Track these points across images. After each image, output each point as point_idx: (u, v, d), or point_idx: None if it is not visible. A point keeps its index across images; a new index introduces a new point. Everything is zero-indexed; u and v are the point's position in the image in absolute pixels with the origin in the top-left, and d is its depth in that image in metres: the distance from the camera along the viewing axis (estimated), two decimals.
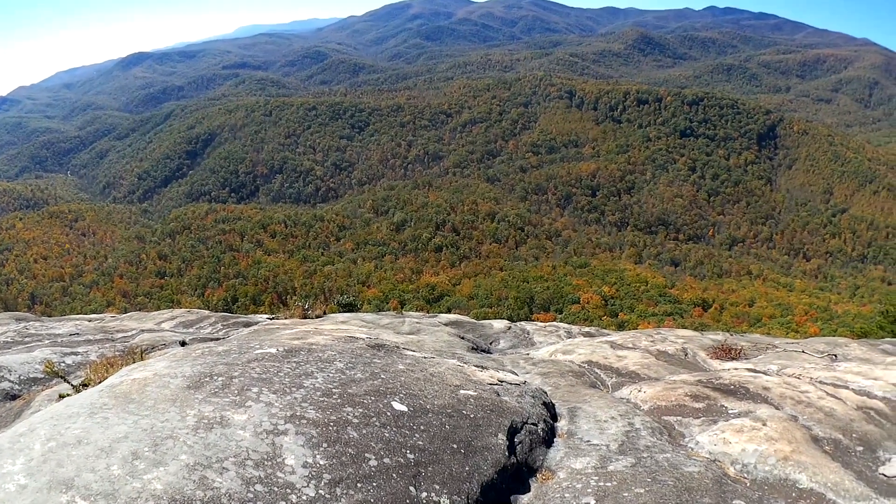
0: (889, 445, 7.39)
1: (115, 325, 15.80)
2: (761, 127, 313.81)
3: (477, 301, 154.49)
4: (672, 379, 9.97)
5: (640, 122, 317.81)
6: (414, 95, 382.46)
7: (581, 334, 17.65)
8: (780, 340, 17.00)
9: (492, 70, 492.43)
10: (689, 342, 14.19)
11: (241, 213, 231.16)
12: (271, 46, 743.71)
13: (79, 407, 5.76)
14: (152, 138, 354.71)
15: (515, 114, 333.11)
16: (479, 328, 17.78)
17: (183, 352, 8.20)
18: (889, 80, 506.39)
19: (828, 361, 12.10)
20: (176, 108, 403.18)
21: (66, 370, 9.98)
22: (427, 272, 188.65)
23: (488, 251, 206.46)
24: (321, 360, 7.81)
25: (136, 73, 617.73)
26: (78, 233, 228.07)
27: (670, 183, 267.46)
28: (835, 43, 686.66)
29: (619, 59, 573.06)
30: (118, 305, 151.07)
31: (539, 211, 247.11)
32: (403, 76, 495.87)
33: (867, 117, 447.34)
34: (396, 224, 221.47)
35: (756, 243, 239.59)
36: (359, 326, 13.30)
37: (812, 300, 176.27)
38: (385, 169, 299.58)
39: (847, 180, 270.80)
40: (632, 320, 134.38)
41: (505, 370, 9.77)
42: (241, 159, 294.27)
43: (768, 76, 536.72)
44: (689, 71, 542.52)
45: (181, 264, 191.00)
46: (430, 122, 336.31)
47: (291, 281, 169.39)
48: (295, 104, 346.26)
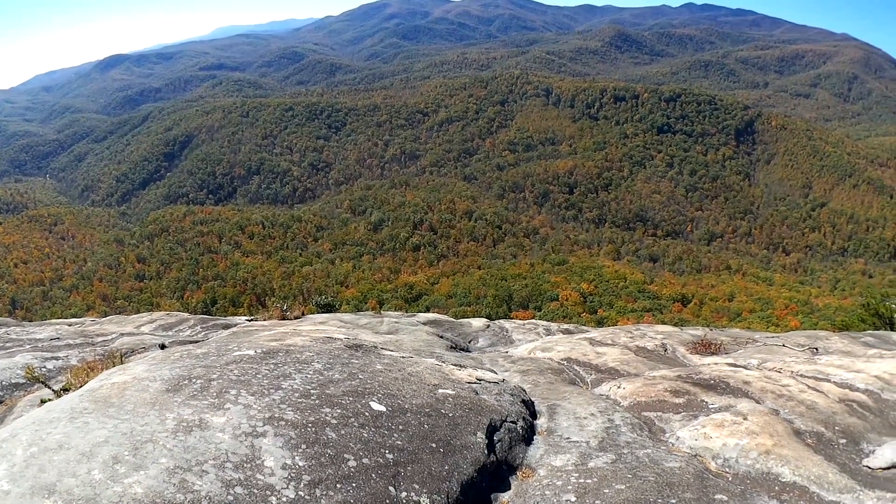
0: (872, 437, 7.40)
1: (96, 329, 15.76)
2: (739, 122, 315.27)
3: (455, 300, 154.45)
4: (652, 375, 9.97)
5: (618, 119, 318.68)
6: (391, 95, 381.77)
7: (560, 331, 17.63)
8: (760, 334, 17.01)
9: (468, 69, 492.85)
10: (668, 338, 14.19)
11: (219, 214, 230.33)
12: (248, 47, 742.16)
13: (59, 412, 5.74)
14: (130, 140, 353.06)
15: (492, 112, 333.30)
16: (458, 327, 17.74)
17: (162, 355, 8.18)
18: (868, 75, 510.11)
19: (809, 355, 12.14)
20: (153, 110, 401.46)
21: (47, 375, 9.95)
22: (405, 271, 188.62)
23: (466, 250, 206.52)
24: (299, 361, 7.79)
25: (114, 75, 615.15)
26: (57, 236, 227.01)
27: (648, 179, 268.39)
28: (813, 38, 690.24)
29: (595, 57, 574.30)
30: (98, 309, 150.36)
31: (516, 209, 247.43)
32: (380, 76, 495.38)
33: (846, 111, 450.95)
34: (374, 224, 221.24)
35: (735, 238, 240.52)
36: (337, 327, 13.29)
37: (792, 294, 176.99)
38: (362, 169, 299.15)
39: (826, 174, 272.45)
40: (611, 317, 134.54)
41: (484, 368, 9.75)
42: (218, 161, 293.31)
43: (746, 72, 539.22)
44: (666, 68, 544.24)
45: (160, 267, 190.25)
46: (407, 121, 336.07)
47: (270, 282, 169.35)
48: (272, 105, 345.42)
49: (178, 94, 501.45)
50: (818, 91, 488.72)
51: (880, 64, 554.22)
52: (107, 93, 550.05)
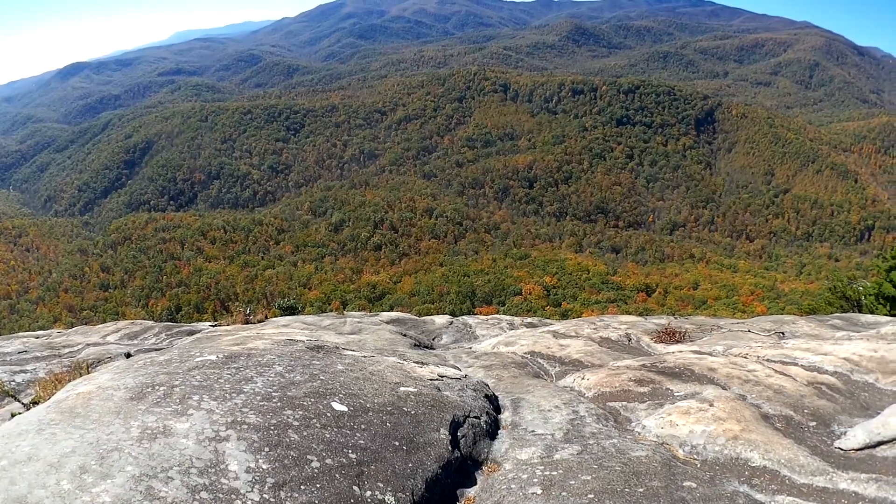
0: (843, 419, 7.45)
1: (62, 341, 15.65)
2: (699, 112, 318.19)
3: (419, 297, 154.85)
4: (616, 365, 9.99)
5: (576, 113, 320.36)
6: (348, 95, 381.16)
7: (524, 325, 17.65)
8: (725, 321, 17.09)
9: (426, 66, 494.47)
10: (632, 328, 14.24)
11: (181, 220, 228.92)
12: (206, 51, 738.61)
13: (27, 424, 5.70)
14: (91, 149, 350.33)
15: (450, 109, 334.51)
16: (422, 324, 17.74)
17: (126, 364, 8.12)
18: (830, 61, 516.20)
19: (775, 339, 12.21)
20: (113, 118, 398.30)
21: (16, 389, 9.95)
22: (367, 271, 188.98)
23: (427, 247, 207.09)
24: (260, 364, 7.75)
25: (74, 83, 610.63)
26: (22, 248, 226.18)
27: (608, 171, 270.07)
28: (774, 27, 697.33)
29: (553, 51, 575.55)
30: (64, 321, 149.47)
31: (477, 205, 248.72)
32: (337, 76, 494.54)
33: (808, 98, 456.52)
34: (335, 225, 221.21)
35: (697, 227, 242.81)
36: (300, 329, 13.24)
37: (757, 280, 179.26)
38: (321, 170, 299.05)
39: (789, 161, 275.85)
40: (575, 309, 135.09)
41: (447, 365, 9.74)
42: (178, 166, 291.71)
43: (705, 62, 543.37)
44: (624, 60, 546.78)
45: (124, 275, 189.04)
46: (365, 120, 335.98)
47: (233, 287, 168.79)
48: (230, 109, 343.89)
49: (137, 101, 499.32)
50: (779, 79, 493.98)
51: (842, 51, 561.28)
52: (67, 101, 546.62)
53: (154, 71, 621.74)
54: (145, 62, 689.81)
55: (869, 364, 9.00)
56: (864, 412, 7.63)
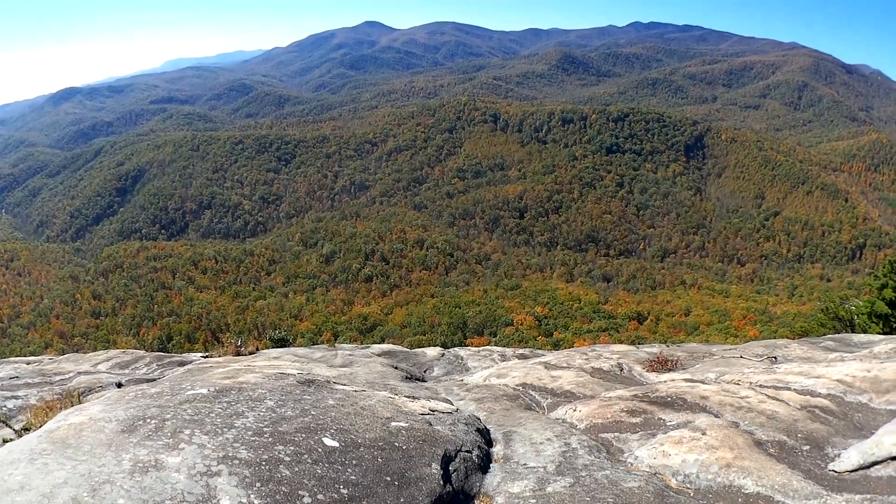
0: (837, 441, 7.46)
1: (53, 368, 15.65)
2: (688, 138, 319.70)
3: (410, 329, 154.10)
4: (608, 395, 9.98)
5: (566, 142, 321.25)
6: (339, 126, 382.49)
7: (515, 356, 17.62)
8: (717, 347, 17.13)
9: (416, 97, 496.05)
10: (624, 357, 14.23)
11: (172, 249, 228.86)
12: (198, 80, 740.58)
13: (19, 453, 5.69)
14: (83, 175, 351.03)
15: (440, 140, 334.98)
16: (413, 357, 17.70)
17: (117, 395, 8.10)
18: (818, 81, 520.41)
19: (768, 364, 12.23)
20: (105, 145, 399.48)
21: (7, 414, 9.96)
22: (358, 303, 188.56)
23: (418, 278, 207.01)
24: (252, 398, 7.74)
25: (67, 108, 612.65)
26: (14, 273, 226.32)
27: (598, 200, 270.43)
28: (762, 49, 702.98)
29: (542, 80, 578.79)
30: (56, 347, 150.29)
31: (467, 236, 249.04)
32: (328, 106, 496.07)
33: (797, 120, 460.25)
34: (326, 256, 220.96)
35: (688, 253, 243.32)
36: (291, 361, 13.21)
37: (749, 304, 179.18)
38: (312, 201, 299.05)
39: (779, 183, 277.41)
40: (567, 338, 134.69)
41: (438, 398, 9.72)
42: (170, 195, 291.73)
43: (694, 87, 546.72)
44: (613, 88, 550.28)
45: (115, 303, 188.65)
46: (356, 151, 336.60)
47: (224, 317, 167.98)
48: (222, 138, 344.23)
49: (129, 128, 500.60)
50: (768, 101, 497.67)
51: (830, 70, 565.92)
52: (60, 126, 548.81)
53: (146, 98, 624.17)
54: (137, 89, 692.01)
55: (862, 384, 9.03)
56: (858, 433, 7.65)
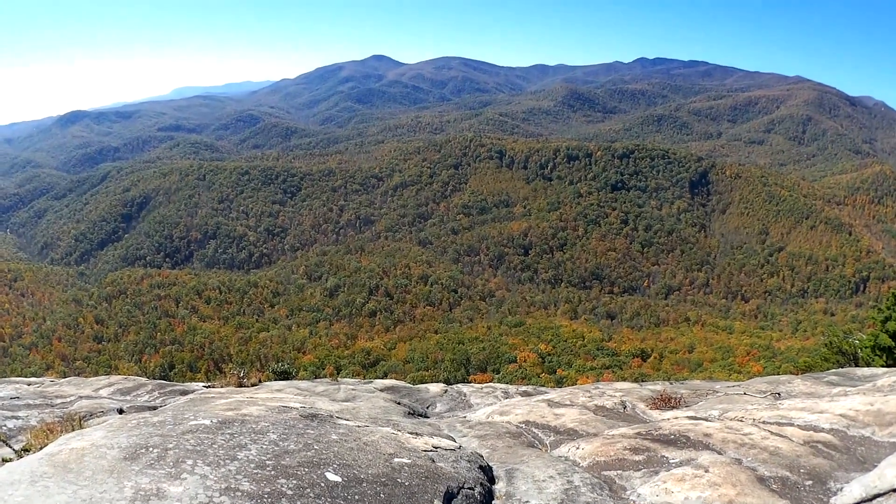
0: (840, 475, 7.43)
1: (54, 391, 15.70)
2: (693, 174, 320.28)
3: (413, 364, 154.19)
4: (611, 433, 9.95)
5: (571, 179, 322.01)
6: (345, 160, 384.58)
7: (518, 394, 17.59)
8: (721, 384, 17.10)
9: (422, 132, 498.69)
10: (627, 395, 14.18)
11: (176, 278, 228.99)
12: (206, 109, 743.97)
13: (20, 474, 5.68)
14: (89, 200, 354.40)
15: (446, 175, 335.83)
16: (416, 392, 17.67)
17: (119, 421, 8.09)
18: (822, 115, 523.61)
19: (771, 400, 12.20)
20: (112, 170, 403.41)
21: (7, 434, 9.98)
22: (362, 337, 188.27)
23: (422, 314, 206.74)
24: (255, 431, 7.72)
25: (74, 131, 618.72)
26: (17, 293, 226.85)
27: (603, 237, 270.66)
28: (766, 84, 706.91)
29: (548, 117, 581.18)
30: (57, 369, 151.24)
31: (472, 272, 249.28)
32: (335, 140, 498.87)
33: (801, 154, 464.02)
34: (330, 289, 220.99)
35: (693, 290, 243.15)
36: (294, 395, 13.19)
37: (753, 340, 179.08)
38: (317, 234, 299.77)
39: (783, 218, 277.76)
40: (570, 376, 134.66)
41: (441, 435, 9.70)
42: (175, 224, 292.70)
43: (699, 123, 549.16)
44: (619, 124, 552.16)
45: (118, 329, 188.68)
46: (362, 186, 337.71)
47: (227, 347, 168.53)
48: (228, 168, 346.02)
49: (136, 154, 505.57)
50: (772, 136, 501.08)
51: (834, 103, 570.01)
52: (66, 149, 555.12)
53: (154, 125, 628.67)
54: (145, 116, 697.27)
55: (865, 418, 9.00)
56: (861, 466, 7.62)
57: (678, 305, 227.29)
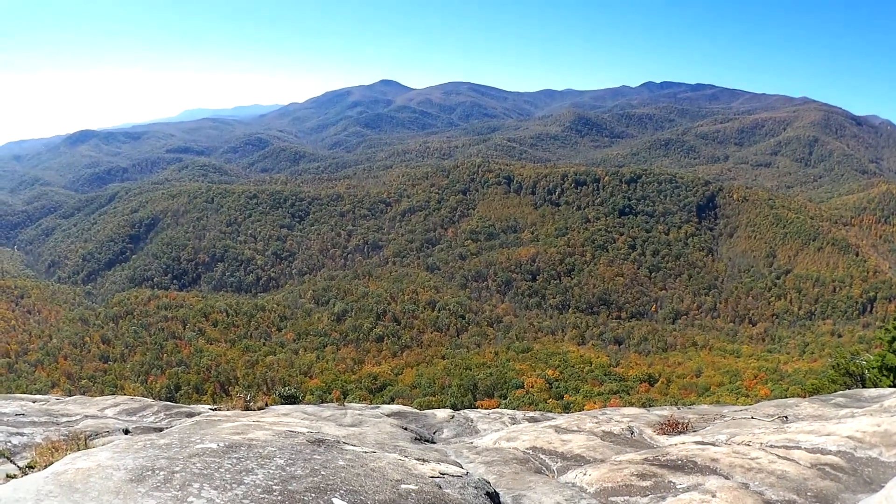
0: (846, 497, 7.42)
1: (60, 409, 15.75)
2: (700, 199, 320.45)
3: (420, 390, 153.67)
4: (618, 459, 9.93)
5: (579, 204, 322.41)
6: (353, 184, 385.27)
7: (525, 419, 17.58)
8: (728, 408, 17.12)
9: (430, 157, 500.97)
10: (634, 420, 14.16)
11: (184, 300, 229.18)
12: (214, 132, 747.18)
13: (25, 492, 5.68)
14: (97, 219, 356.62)
15: (454, 201, 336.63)
16: (423, 418, 17.64)
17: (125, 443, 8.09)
18: (829, 135, 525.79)
19: (778, 424, 12.18)
20: (120, 190, 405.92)
21: (11, 451, 10.01)
22: (369, 362, 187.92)
23: (430, 340, 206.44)
24: (262, 455, 7.72)
25: (83, 150, 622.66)
26: (24, 310, 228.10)
27: (610, 262, 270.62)
28: (773, 106, 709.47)
29: (556, 142, 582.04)
30: (62, 387, 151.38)
31: (479, 298, 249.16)
32: (343, 164, 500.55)
33: (808, 176, 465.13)
34: (337, 314, 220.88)
35: (700, 314, 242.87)
36: (300, 419, 13.19)
37: (760, 363, 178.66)
38: (325, 259, 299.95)
39: (790, 241, 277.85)
40: (577, 401, 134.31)
41: (448, 461, 9.68)
42: (183, 246, 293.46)
43: (706, 147, 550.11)
44: (626, 149, 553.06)
45: (124, 349, 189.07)
46: (370, 210, 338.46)
47: (233, 370, 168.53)
48: (236, 192, 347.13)
49: (144, 175, 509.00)
50: (779, 158, 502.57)
51: (840, 123, 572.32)
52: (75, 168, 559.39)
53: (162, 147, 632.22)
54: (154, 137, 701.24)
55: (872, 439, 9.01)
56: (867, 487, 7.62)
57: (686, 330, 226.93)
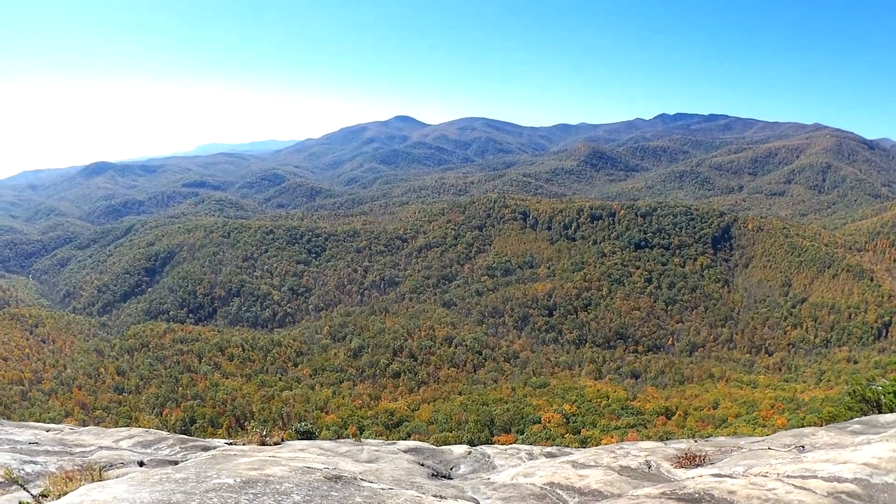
0: None
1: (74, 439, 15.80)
2: (716, 230, 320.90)
3: (436, 426, 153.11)
4: (635, 493, 9.89)
5: (595, 238, 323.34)
6: (370, 220, 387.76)
7: (542, 455, 17.56)
8: (745, 440, 17.09)
9: (446, 193, 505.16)
10: (651, 454, 14.11)
11: (199, 334, 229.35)
12: (230, 166, 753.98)
13: None
14: (112, 251, 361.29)
15: (470, 237, 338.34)
16: (439, 454, 17.61)
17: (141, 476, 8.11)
18: (842, 161, 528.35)
19: (795, 454, 12.13)
20: (136, 223, 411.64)
21: (25, 478, 10.02)
22: (385, 398, 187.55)
23: (446, 376, 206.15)
24: (279, 492, 7.71)
25: (99, 182, 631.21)
26: (38, 338, 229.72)
27: (627, 296, 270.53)
28: (786, 134, 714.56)
29: (571, 177, 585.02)
30: (76, 416, 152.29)
31: (496, 333, 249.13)
32: (359, 200, 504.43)
33: (821, 203, 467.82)
34: (354, 350, 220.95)
35: (717, 346, 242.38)
36: (317, 454, 13.19)
37: (777, 393, 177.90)
38: (342, 295, 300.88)
39: (805, 269, 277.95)
40: (594, 436, 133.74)
41: (465, 497, 9.65)
42: (199, 280, 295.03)
43: (720, 178, 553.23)
44: (641, 182, 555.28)
45: (139, 381, 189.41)
46: (386, 247, 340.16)
47: (249, 405, 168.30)
48: (253, 227, 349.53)
49: (160, 209, 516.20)
50: (793, 186, 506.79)
51: (853, 148, 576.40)
52: (91, 200, 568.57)
53: (178, 181, 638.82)
54: (170, 171, 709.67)
55: (889, 465, 8.99)
56: None
57: (702, 362, 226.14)
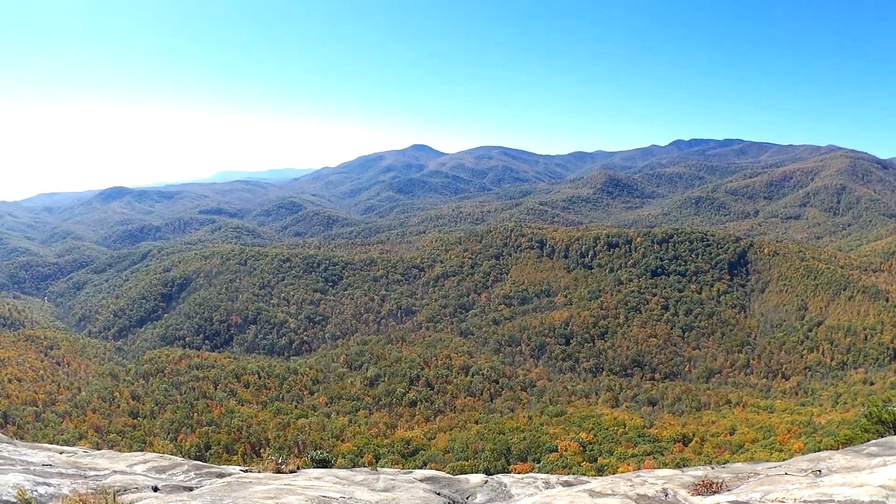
0: None
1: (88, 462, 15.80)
2: (732, 255, 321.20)
3: (453, 454, 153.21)
4: None
5: (611, 266, 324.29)
6: (387, 249, 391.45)
7: (559, 483, 17.47)
8: (762, 465, 16.97)
9: (463, 222, 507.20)
10: (668, 482, 14.06)
11: (215, 360, 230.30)
12: (247, 194, 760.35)
13: None
14: (129, 276, 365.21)
15: (487, 266, 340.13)
16: (456, 483, 17.55)
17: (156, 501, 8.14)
18: (856, 182, 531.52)
19: (812, 478, 12.08)
20: (153, 249, 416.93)
21: (38, 500, 10.07)
22: (401, 426, 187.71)
23: (463, 405, 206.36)
24: None
25: (115, 207, 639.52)
26: (52, 360, 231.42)
27: (643, 324, 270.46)
28: (800, 156, 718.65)
29: (588, 204, 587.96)
30: (90, 439, 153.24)
31: (513, 362, 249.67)
32: (376, 229, 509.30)
33: (837, 225, 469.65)
34: (370, 379, 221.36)
35: (733, 372, 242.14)
36: (332, 483, 13.18)
37: (794, 417, 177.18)
38: (358, 323, 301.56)
39: (821, 292, 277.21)
40: (611, 464, 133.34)
41: None
42: (215, 307, 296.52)
43: (736, 203, 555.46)
44: (657, 209, 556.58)
45: (154, 406, 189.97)
46: (403, 276, 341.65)
47: (265, 432, 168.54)
48: (269, 255, 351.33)
49: (177, 235, 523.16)
50: (808, 210, 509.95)
51: (867, 168, 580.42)
52: (107, 224, 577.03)
53: (195, 207, 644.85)
54: (187, 197, 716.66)
55: None
56: None
57: (719, 388, 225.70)
